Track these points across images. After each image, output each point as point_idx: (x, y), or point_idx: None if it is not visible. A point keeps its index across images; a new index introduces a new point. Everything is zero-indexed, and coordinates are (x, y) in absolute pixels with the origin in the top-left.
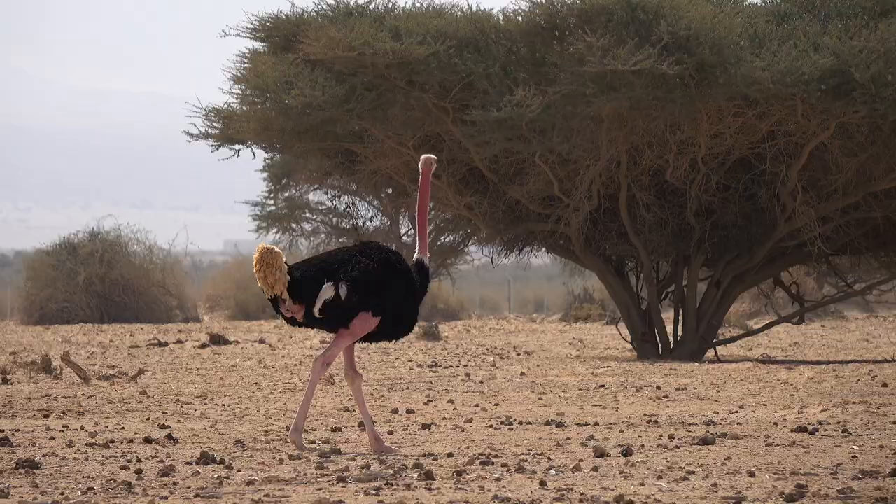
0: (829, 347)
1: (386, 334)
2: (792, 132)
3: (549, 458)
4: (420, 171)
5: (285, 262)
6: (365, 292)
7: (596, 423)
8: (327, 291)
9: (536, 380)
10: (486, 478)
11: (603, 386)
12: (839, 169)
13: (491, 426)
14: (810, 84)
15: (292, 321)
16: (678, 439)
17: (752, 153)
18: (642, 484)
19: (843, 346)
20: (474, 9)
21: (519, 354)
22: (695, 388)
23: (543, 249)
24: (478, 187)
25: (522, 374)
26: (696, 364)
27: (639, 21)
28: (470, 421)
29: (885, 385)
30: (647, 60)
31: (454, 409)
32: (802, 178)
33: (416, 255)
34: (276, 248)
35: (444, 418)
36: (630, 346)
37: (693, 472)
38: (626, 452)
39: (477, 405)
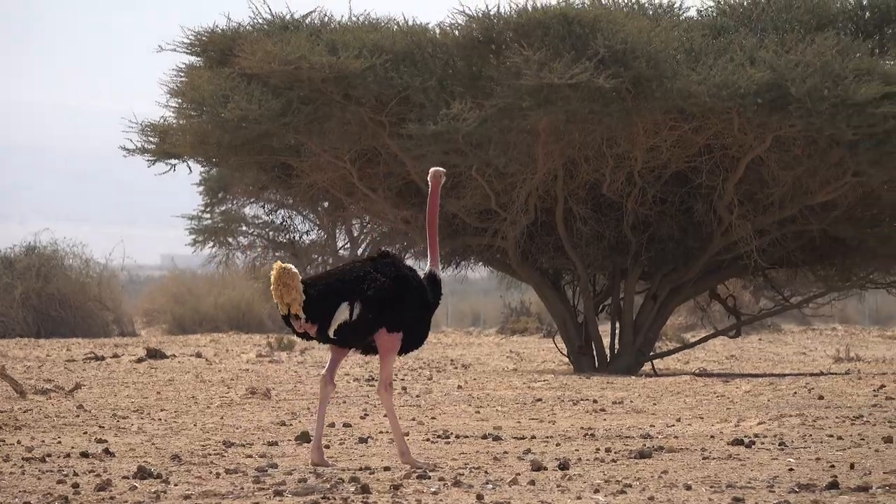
0: (765, 360)
1: (401, 348)
2: (728, 145)
3: (486, 472)
4: (429, 183)
5: (301, 280)
6: (380, 310)
7: (533, 437)
8: (343, 313)
9: (473, 393)
10: (422, 492)
11: (540, 399)
12: (775, 182)
13: (428, 440)
14: (746, 98)
15: (305, 335)
16: (615, 453)
17: (688, 167)
18: (579, 497)
19: (780, 360)
20: (410, 23)
21: (456, 368)
22: (631, 402)
23: (480, 263)
24: (414, 201)
25: (459, 387)
26: (633, 377)
27: (575, 35)
28: (407, 435)
29: (821, 398)
30: (584, 74)
31: None
32: (739, 191)
33: (427, 268)
34: (293, 268)
35: (381, 432)
36: (567, 360)
37: (630, 486)
38: (563, 466)
39: (414, 419)
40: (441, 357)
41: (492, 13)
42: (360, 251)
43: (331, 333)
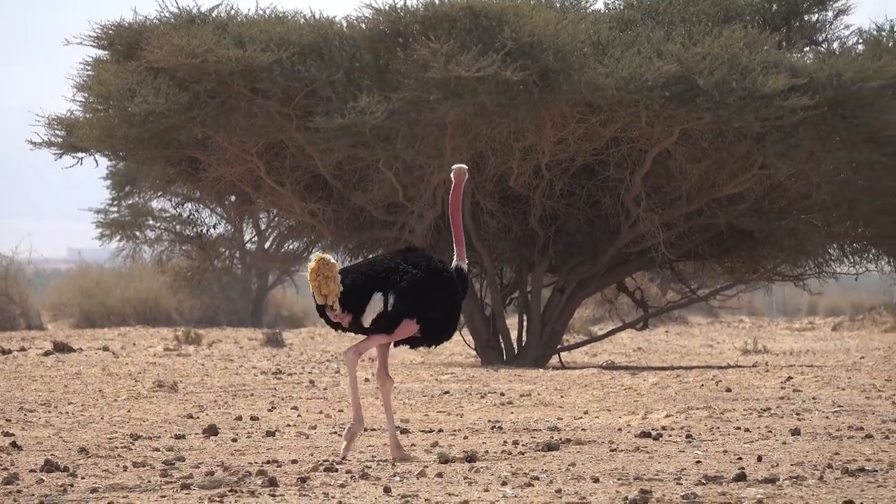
0: (673, 353)
1: (428, 340)
2: (636, 139)
3: (393, 465)
4: (453, 180)
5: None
6: (413, 302)
7: (440, 430)
8: (377, 304)
9: None
10: (330, 484)
11: (447, 392)
12: (683, 175)
13: (335, 433)
14: (654, 90)
15: (336, 326)
16: (522, 445)
17: (595, 160)
18: (486, 490)
19: (687, 352)
20: (317, 16)
21: (363, 361)
22: (539, 394)
23: None
24: (322, 194)
25: (367, 380)
26: (541, 370)
27: (482, 27)
28: (314, 428)
29: (728, 390)
30: (491, 67)
31: (298, 415)
32: (646, 184)
33: (454, 262)
34: (332, 260)
35: (289, 425)
36: (474, 353)
37: (537, 478)
38: (471, 458)
39: (321, 412)
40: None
41: (398, 6)
42: (266, 245)
43: (366, 324)
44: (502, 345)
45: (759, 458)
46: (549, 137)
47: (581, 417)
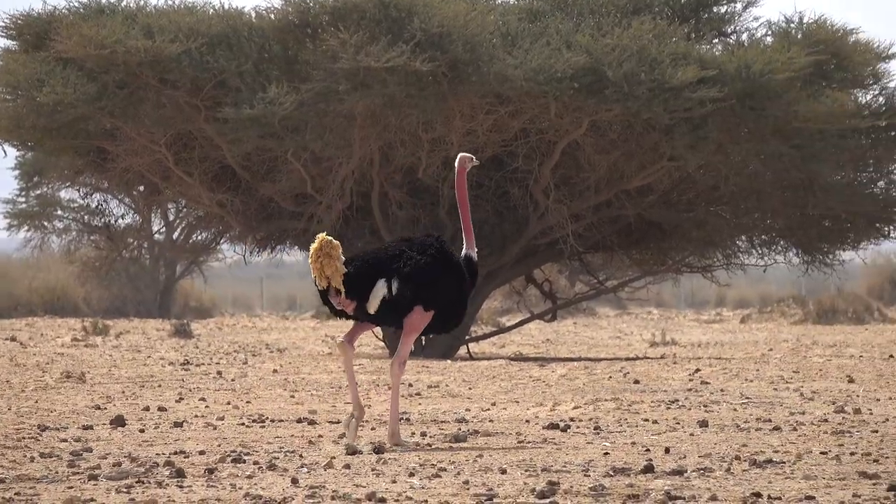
0: (581, 345)
1: (437, 327)
2: (544, 130)
3: (300, 456)
4: (456, 169)
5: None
6: (416, 287)
7: None
8: (381, 290)
9: (289, 377)
10: (237, 475)
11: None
12: (591, 167)
13: (243, 424)
14: (563, 82)
15: (341, 313)
16: (430, 437)
17: (504, 151)
18: (394, 481)
19: (595, 344)
20: (226, 6)
21: (271, 352)
22: (447, 386)
23: (296, 247)
24: (230, 185)
25: (275, 371)
26: (449, 361)
27: (391, 18)
28: (222, 419)
29: (636, 382)
30: (400, 58)
31: (206, 406)
32: (555, 175)
33: (464, 251)
34: (335, 240)
35: (196, 416)
36: (383, 344)
37: (445, 470)
38: (378, 450)
39: (229, 403)
40: (256, 341)
41: None
42: (175, 235)
43: (371, 310)
44: None
45: (667, 450)
46: (457, 128)
47: (489, 409)
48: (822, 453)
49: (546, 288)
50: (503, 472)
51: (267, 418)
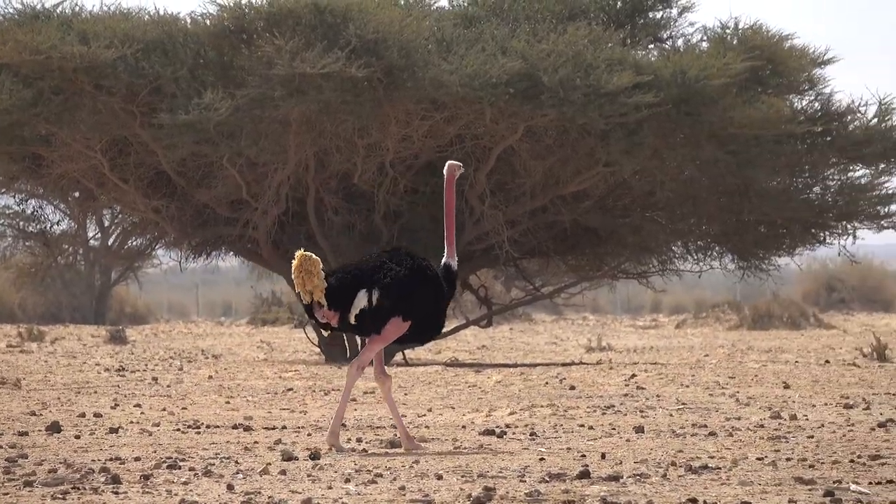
0: (517, 350)
1: (415, 337)
2: (480, 135)
3: (236, 462)
4: (444, 176)
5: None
6: (396, 298)
7: (284, 427)
8: (361, 300)
9: (224, 383)
10: (173, 482)
11: (291, 389)
12: (527, 172)
13: (178, 430)
14: (498, 87)
15: (326, 326)
16: (366, 442)
17: (440, 157)
18: (330, 487)
19: (531, 349)
20: (162, 12)
21: (207, 358)
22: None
23: (231, 253)
24: (165, 191)
25: (210, 377)
26: (385, 367)
27: (327, 24)
28: (157, 425)
29: (572, 388)
30: (336, 64)
31: (142, 412)
32: (490, 181)
33: (443, 260)
34: (314, 256)
35: (132, 422)
36: (318, 350)
37: (381, 475)
38: (314, 456)
39: (164, 409)
40: (192, 347)
41: (243, 3)
42: (110, 241)
43: (352, 319)
44: (346, 342)
45: (603, 456)
46: (393, 134)
47: (425, 415)
48: (758, 459)
49: (482, 294)
50: (439, 477)
51: (202, 424)
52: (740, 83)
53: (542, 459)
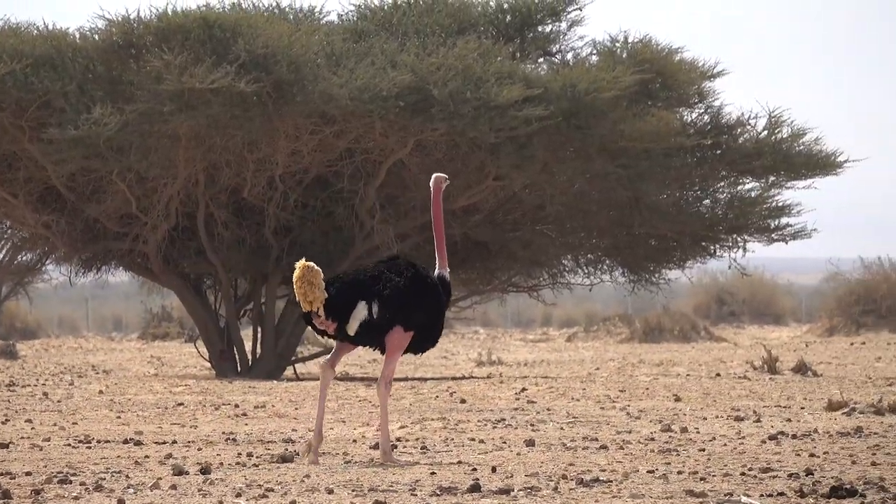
0: (407, 364)
1: (415, 347)
2: (370, 150)
3: (127, 477)
4: (431, 189)
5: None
6: (396, 309)
7: (174, 441)
8: (361, 312)
9: (115, 398)
10: (64, 496)
11: (181, 404)
12: (417, 186)
13: (69, 445)
14: (388, 101)
15: (323, 333)
16: (257, 457)
17: (330, 171)
18: (221, 502)
19: (422, 363)
20: (51, 27)
21: (97, 373)
22: (273, 406)
23: (121, 267)
24: (55, 206)
25: (101, 392)
26: (275, 382)
27: (216, 39)
28: (48, 440)
29: (463, 401)
30: (225, 78)
31: (32, 428)
32: (380, 195)
33: (437, 271)
34: (316, 267)
35: (22, 437)
36: (209, 365)
37: (272, 490)
38: (205, 470)
39: (55, 424)
40: (83, 362)
41: (132, 17)
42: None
43: (350, 332)
44: (236, 356)
45: (494, 469)
46: (282, 149)
47: None
48: (649, 472)
49: None
50: (330, 492)
51: (93, 439)
52: (630, 96)
53: (433, 473)
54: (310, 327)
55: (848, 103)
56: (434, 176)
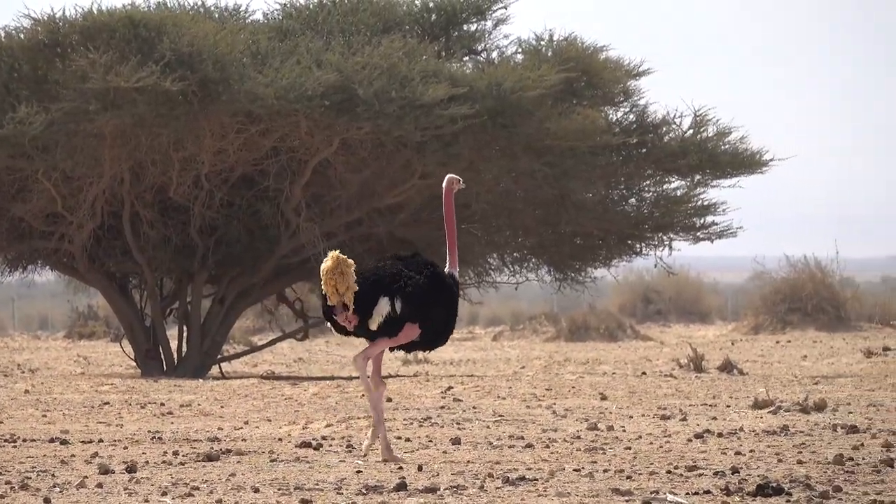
0: (333, 363)
1: (427, 343)
2: (295, 148)
3: (53, 475)
4: (443, 190)
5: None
6: (417, 306)
7: (100, 440)
8: (384, 307)
9: (41, 397)
10: None
11: (107, 403)
12: (343, 185)
13: None
14: (313, 100)
15: (342, 330)
16: (183, 456)
17: (255, 170)
18: (147, 500)
19: (348, 362)
20: None
21: (23, 372)
22: (199, 405)
23: (47, 266)
24: None
25: (27, 391)
26: (201, 380)
27: (141, 38)
28: None
29: (389, 400)
30: (150, 77)
31: None
32: (306, 194)
33: (447, 269)
34: (348, 259)
35: None
36: (134, 364)
37: (198, 489)
38: (131, 469)
39: None
40: (8, 361)
41: (57, 16)
42: None
43: (373, 327)
44: (162, 355)
45: (420, 468)
46: (208, 148)
47: (241, 427)
48: (575, 470)
49: (298, 307)
50: (256, 490)
51: (19, 438)
52: (555, 95)
53: (358, 472)
54: (329, 323)
55: (773, 102)
56: (447, 177)
